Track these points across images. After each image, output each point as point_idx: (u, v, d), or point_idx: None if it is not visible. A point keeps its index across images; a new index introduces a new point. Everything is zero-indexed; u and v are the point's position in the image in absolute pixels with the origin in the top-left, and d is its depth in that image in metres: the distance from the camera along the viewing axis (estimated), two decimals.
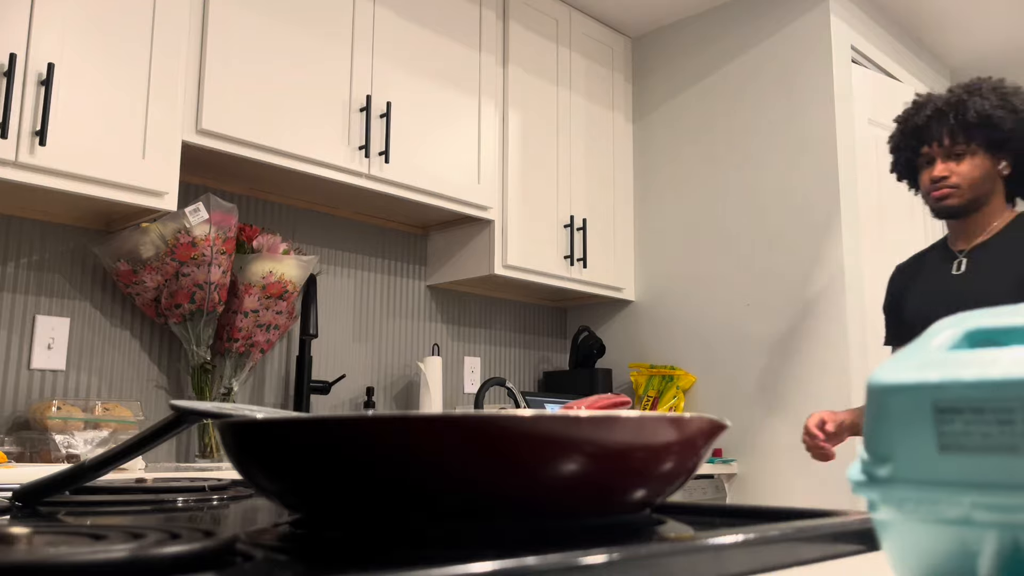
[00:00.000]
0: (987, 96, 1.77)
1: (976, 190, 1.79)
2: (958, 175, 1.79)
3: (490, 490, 0.43)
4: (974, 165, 1.79)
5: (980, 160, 1.79)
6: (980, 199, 1.80)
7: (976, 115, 1.77)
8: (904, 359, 0.31)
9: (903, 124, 1.87)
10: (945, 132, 1.79)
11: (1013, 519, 0.27)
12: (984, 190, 1.80)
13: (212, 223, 2.24)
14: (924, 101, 1.85)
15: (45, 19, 1.93)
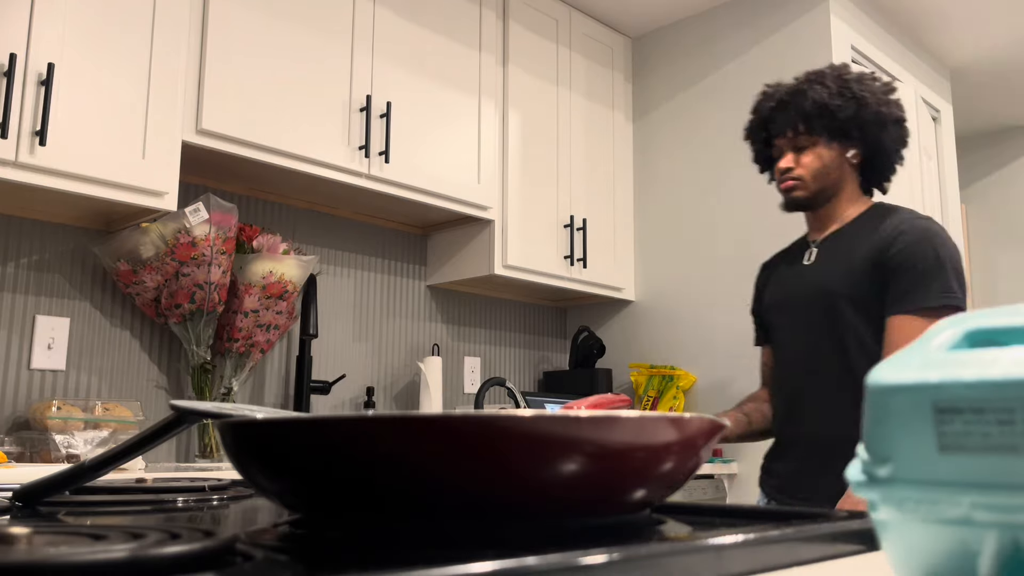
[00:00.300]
0: (828, 84, 1.73)
1: (821, 181, 1.75)
2: (802, 167, 1.75)
3: (490, 490, 0.43)
4: (817, 156, 1.74)
5: (824, 150, 1.74)
6: (828, 189, 1.76)
7: (814, 104, 1.71)
8: (904, 359, 0.31)
9: (754, 115, 1.83)
10: (787, 123, 1.74)
11: (1013, 519, 0.27)
12: (831, 180, 1.75)
13: (212, 223, 2.24)
14: (772, 91, 1.80)
15: (45, 19, 1.93)
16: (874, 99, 1.72)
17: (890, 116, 1.74)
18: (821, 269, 1.72)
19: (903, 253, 1.61)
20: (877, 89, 1.74)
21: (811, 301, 1.70)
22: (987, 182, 4.67)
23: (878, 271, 1.61)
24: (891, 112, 1.74)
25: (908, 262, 1.60)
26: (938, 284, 1.58)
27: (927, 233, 1.64)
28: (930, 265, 1.59)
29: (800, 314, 1.73)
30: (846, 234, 1.74)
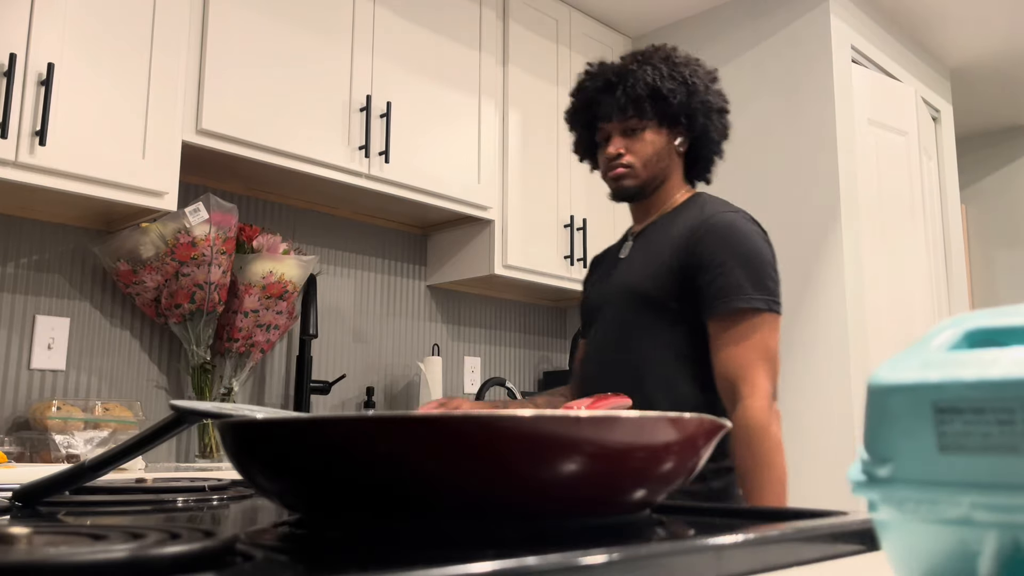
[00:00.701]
0: (658, 66, 1.62)
1: (652, 168, 1.64)
2: (632, 153, 1.63)
3: (490, 490, 0.43)
4: (648, 141, 1.63)
5: (655, 136, 1.63)
6: (657, 178, 1.65)
7: (647, 87, 1.60)
8: (905, 359, 0.31)
9: (577, 97, 1.71)
10: (617, 106, 1.62)
11: (1013, 519, 0.27)
12: (660, 168, 1.64)
13: (212, 223, 2.24)
14: (596, 71, 1.68)
15: (45, 19, 1.93)
16: (703, 86, 1.63)
17: (715, 105, 1.65)
18: (630, 266, 1.63)
19: (709, 251, 1.51)
20: (704, 76, 1.65)
21: (618, 299, 1.61)
22: (987, 182, 4.67)
23: (684, 270, 1.52)
24: (717, 101, 1.66)
25: (715, 261, 1.50)
26: (751, 284, 1.49)
27: (732, 228, 1.56)
28: (740, 263, 1.51)
29: (608, 312, 1.63)
30: (659, 228, 1.64)
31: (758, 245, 1.55)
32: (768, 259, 1.55)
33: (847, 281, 2.83)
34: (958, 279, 3.62)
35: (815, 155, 2.95)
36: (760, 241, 1.57)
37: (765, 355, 1.46)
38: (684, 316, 1.52)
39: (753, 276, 1.50)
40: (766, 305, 1.48)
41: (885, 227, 3.10)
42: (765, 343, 1.46)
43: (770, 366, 1.46)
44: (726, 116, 1.69)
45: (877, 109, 3.17)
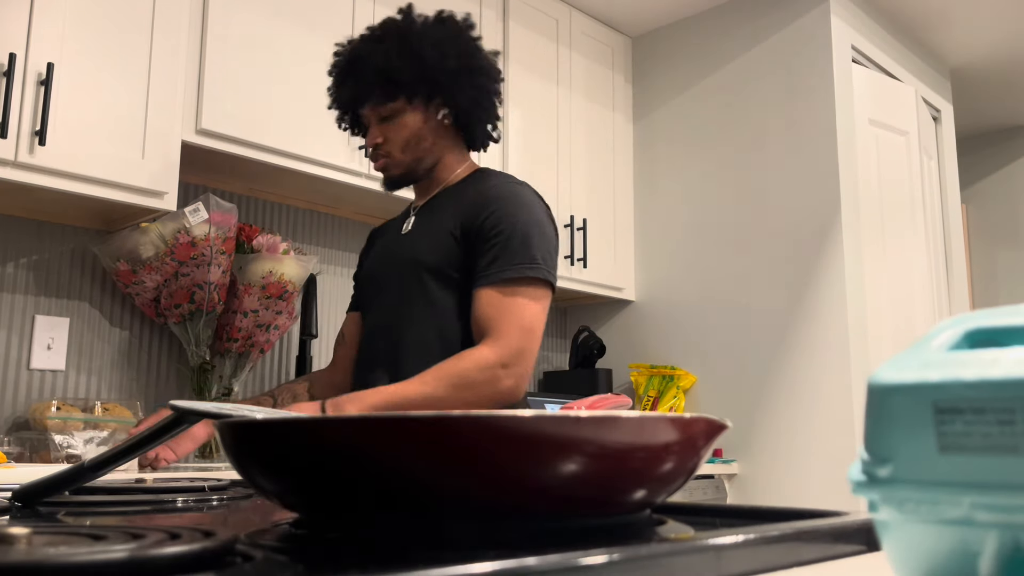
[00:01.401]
0: (387, 44, 1.54)
1: (413, 151, 1.57)
2: (389, 140, 1.57)
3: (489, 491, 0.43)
4: (403, 124, 1.56)
5: (409, 117, 1.56)
6: (425, 158, 1.59)
7: (375, 71, 1.53)
8: (905, 359, 0.31)
9: (332, 83, 1.64)
10: (354, 96, 1.57)
11: (1014, 519, 0.27)
12: (424, 149, 1.58)
13: (212, 223, 2.24)
14: (339, 53, 1.61)
15: (45, 19, 1.93)
16: (441, 53, 1.53)
17: (466, 65, 1.56)
18: (413, 239, 1.59)
19: (490, 222, 1.48)
20: (445, 38, 1.55)
21: (399, 272, 1.57)
22: (987, 182, 4.67)
23: (467, 240, 1.50)
24: (467, 61, 1.56)
25: (494, 231, 1.47)
26: (522, 255, 1.45)
27: (517, 200, 1.51)
28: (516, 234, 1.47)
29: (388, 285, 1.59)
30: (442, 201, 1.59)
31: (538, 217, 1.51)
32: (547, 232, 1.51)
33: (847, 281, 2.83)
34: (958, 279, 3.62)
35: (815, 155, 2.95)
36: (541, 214, 1.53)
37: (520, 322, 1.43)
38: (468, 286, 1.50)
39: (527, 247, 1.47)
40: (535, 274, 1.45)
41: (885, 227, 3.09)
42: (523, 310, 1.43)
43: (523, 334, 1.43)
44: (486, 72, 1.58)
45: (877, 109, 3.17)
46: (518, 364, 1.42)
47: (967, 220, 4.66)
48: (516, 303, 1.44)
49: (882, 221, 3.09)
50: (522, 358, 1.42)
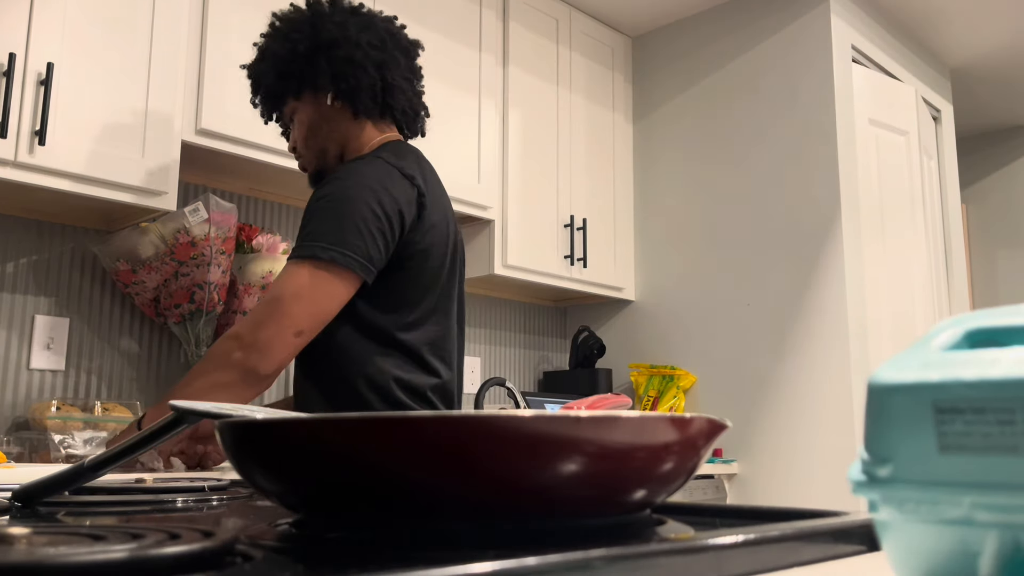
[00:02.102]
0: (259, 55, 1.57)
1: (313, 144, 1.55)
2: (296, 140, 1.57)
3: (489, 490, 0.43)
4: (300, 122, 1.55)
5: (302, 113, 1.54)
6: (327, 148, 1.55)
7: (252, 72, 1.56)
8: (905, 359, 0.31)
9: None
10: (262, 109, 1.59)
11: (1014, 519, 0.27)
12: (323, 138, 1.54)
13: (212, 223, 2.24)
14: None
15: (45, 19, 1.93)
16: (288, 43, 1.52)
17: (317, 45, 1.51)
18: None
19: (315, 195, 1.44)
20: (294, 28, 1.53)
21: None
22: (987, 182, 4.67)
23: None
24: (318, 40, 1.51)
25: (310, 204, 1.43)
26: (301, 235, 1.39)
27: (334, 176, 1.44)
28: (312, 209, 1.41)
29: None
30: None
31: (346, 192, 1.40)
32: (348, 205, 1.38)
33: (847, 281, 2.83)
34: (958, 279, 3.62)
35: (815, 155, 2.95)
36: (353, 188, 1.40)
37: (268, 296, 1.36)
38: None
39: (306, 227, 1.40)
40: (300, 252, 1.37)
41: (885, 227, 3.10)
42: (276, 285, 1.36)
43: (265, 306, 1.36)
44: (344, 46, 1.51)
45: (877, 109, 3.17)
46: (253, 336, 1.33)
47: (967, 220, 4.66)
48: (276, 281, 1.37)
49: (882, 221, 3.09)
50: (258, 329, 1.33)
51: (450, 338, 1.57)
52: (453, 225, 1.57)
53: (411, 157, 1.52)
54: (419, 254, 1.46)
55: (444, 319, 1.55)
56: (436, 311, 1.53)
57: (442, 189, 1.57)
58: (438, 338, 1.54)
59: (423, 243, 1.46)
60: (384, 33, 1.54)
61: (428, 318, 1.52)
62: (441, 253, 1.50)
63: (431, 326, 1.52)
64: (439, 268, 1.50)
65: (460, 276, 1.60)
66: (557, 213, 3.09)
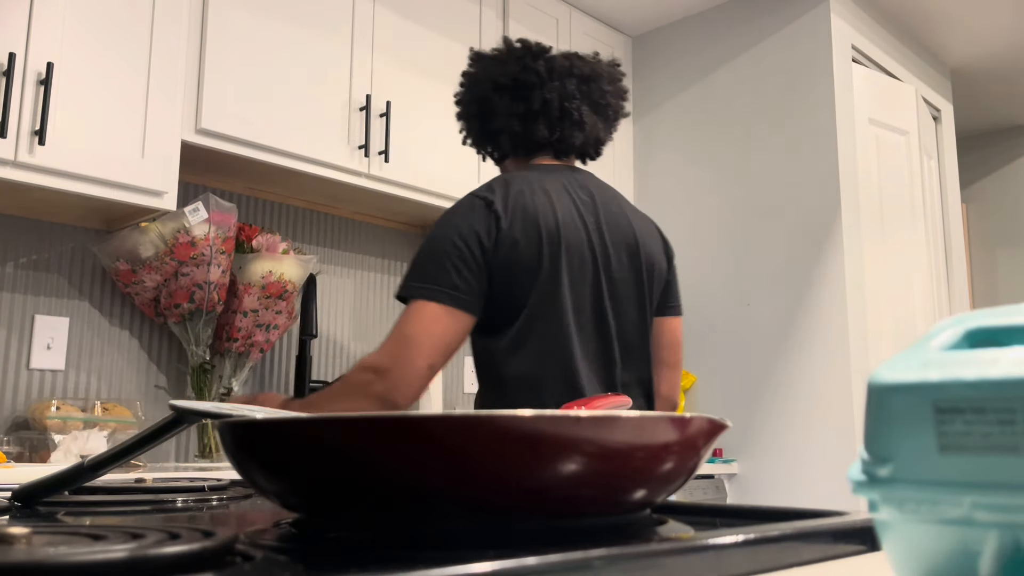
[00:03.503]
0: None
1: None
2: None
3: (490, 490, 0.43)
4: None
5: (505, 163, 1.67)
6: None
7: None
8: (905, 359, 0.31)
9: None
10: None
11: (1014, 519, 0.27)
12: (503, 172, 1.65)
13: (211, 223, 2.24)
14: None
15: (45, 19, 1.93)
16: (458, 103, 1.65)
17: (460, 101, 1.64)
18: None
19: None
20: (465, 85, 1.64)
21: None
22: (987, 182, 4.67)
23: None
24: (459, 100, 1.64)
25: None
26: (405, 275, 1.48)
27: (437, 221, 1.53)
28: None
29: None
30: None
31: (432, 233, 1.49)
32: (432, 248, 1.47)
33: (847, 281, 2.83)
34: (958, 279, 3.62)
35: (815, 155, 2.95)
36: (440, 228, 1.49)
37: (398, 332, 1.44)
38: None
39: (410, 267, 1.47)
40: (401, 293, 1.46)
41: (885, 227, 3.09)
42: (402, 322, 1.44)
43: (397, 342, 1.43)
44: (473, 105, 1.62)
45: (877, 109, 3.17)
46: (391, 371, 1.41)
47: (967, 220, 4.66)
48: (401, 317, 1.45)
49: (882, 221, 3.09)
50: (395, 364, 1.41)
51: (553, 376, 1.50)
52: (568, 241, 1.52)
53: (508, 181, 1.53)
54: (500, 275, 1.47)
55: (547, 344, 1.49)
56: (532, 337, 1.49)
57: (550, 207, 1.53)
58: (531, 374, 1.49)
59: (503, 263, 1.47)
60: (485, 80, 1.62)
61: (522, 345, 1.49)
62: (528, 270, 1.48)
63: (525, 358, 1.49)
64: (526, 288, 1.48)
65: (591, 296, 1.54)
66: None
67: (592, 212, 1.57)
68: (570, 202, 1.56)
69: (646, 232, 1.62)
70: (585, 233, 1.55)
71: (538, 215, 1.50)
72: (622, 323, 1.56)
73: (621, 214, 1.61)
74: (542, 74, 1.57)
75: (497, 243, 1.46)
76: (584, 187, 1.60)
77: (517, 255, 1.47)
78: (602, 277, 1.54)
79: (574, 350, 1.49)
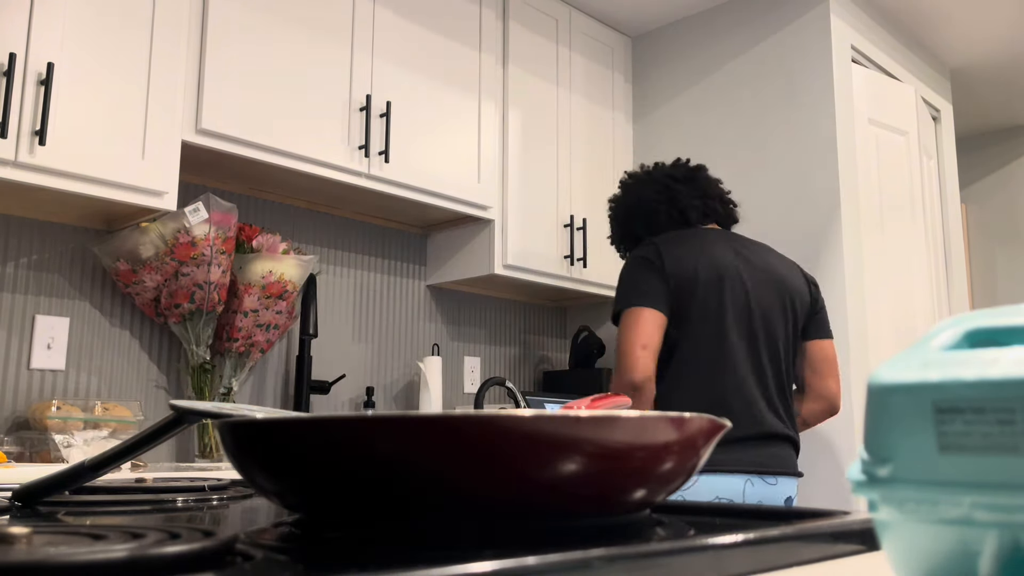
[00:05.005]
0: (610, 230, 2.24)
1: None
2: None
3: (490, 490, 0.43)
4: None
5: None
6: None
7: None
8: (905, 359, 0.31)
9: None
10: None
11: (1013, 519, 0.27)
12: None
13: (212, 223, 2.24)
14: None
15: (45, 19, 1.93)
16: (617, 219, 2.17)
17: (632, 210, 2.13)
18: None
19: None
20: (616, 203, 2.18)
21: None
22: (987, 182, 4.67)
23: None
24: (631, 204, 2.14)
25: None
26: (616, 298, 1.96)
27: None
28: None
29: None
30: None
31: (625, 268, 1.97)
32: (629, 274, 1.95)
33: (847, 281, 2.83)
34: (958, 279, 3.62)
35: (815, 155, 2.95)
36: (629, 264, 1.97)
37: (619, 350, 1.90)
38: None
39: (617, 293, 1.96)
40: (615, 308, 1.94)
41: (885, 227, 3.09)
42: (619, 340, 1.91)
43: (619, 358, 1.88)
44: (621, 210, 2.15)
45: (877, 109, 3.17)
46: (620, 377, 1.87)
47: (967, 220, 4.65)
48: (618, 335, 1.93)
49: (882, 221, 3.09)
50: (619, 375, 1.87)
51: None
52: (731, 286, 1.96)
53: (671, 238, 2.00)
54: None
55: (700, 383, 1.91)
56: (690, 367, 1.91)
57: (706, 256, 1.98)
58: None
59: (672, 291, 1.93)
60: (664, 179, 2.13)
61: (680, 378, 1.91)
62: (683, 306, 1.91)
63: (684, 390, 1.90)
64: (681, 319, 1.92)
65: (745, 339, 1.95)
66: (557, 213, 3.09)
67: (744, 259, 2.06)
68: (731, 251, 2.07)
69: (787, 270, 2.05)
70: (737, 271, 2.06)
71: (700, 263, 2.00)
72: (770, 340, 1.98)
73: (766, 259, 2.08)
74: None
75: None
76: (740, 242, 2.10)
77: (673, 288, 1.97)
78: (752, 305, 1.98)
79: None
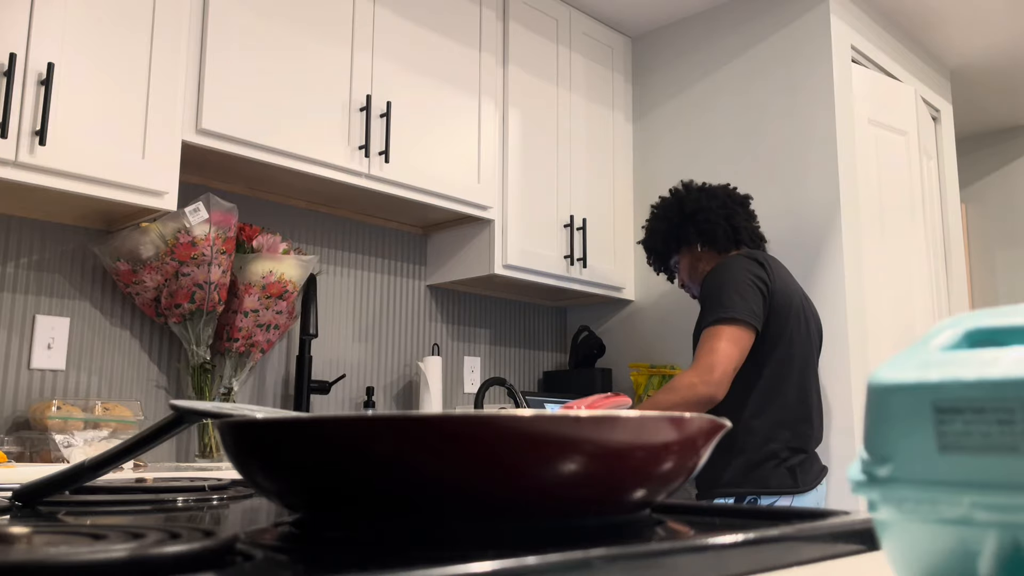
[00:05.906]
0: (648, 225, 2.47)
1: (697, 277, 2.35)
2: (682, 279, 2.44)
3: (490, 490, 0.43)
4: (682, 268, 2.40)
5: (683, 261, 2.39)
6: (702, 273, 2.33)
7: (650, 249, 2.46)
8: (904, 359, 0.31)
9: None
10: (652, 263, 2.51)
11: (1013, 519, 0.27)
12: (702, 272, 2.33)
13: (212, 223, 2.24)
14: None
15: (45, 19, 1.93)
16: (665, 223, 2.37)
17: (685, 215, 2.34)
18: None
19: (701, 293, 2.22)
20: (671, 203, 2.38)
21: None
22: (987, 182, 4.67)
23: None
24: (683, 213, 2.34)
25: (703, 295, 2.20)
26: (713, 308, 2.10)
27: (716, 271, 2.19)
28: (710, 294, 2.13)
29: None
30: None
31: (731, 276, 2.13)
32: (736, 284, 2.10)
33: (847, 281, 2.83)
34: (958, 279, 3.62)
35: (815, 155, 2.95)
36: (736, 272, 2.13)
37: (709, 348, 2.06)
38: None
39: (718, 300, 2.10)
40: (721, 314, 2.08)
41: (885, 227, 3.09)
42: (711, 342, 2.07)
43: (711, 356, 2.04)
44: (700, 213, 2.31)
45: (877, 109, 3.17)
46: (709, 376, 2.01)
47: (967, 220, 4.65)
48: (708, 339, 2.07)
49: (882, 221, 3.09)
50: (711, 372, 2.01)
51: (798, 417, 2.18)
52: (804, 312, 2.23)
53: (758, 255, 2.23)
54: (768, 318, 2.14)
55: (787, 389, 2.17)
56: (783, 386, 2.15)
57: (792, 283, 2.25)
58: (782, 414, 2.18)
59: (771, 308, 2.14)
60: (724, 197, 2.35)
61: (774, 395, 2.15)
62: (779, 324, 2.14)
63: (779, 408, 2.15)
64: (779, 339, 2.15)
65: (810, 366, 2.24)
66: (557, 213, 3.09)
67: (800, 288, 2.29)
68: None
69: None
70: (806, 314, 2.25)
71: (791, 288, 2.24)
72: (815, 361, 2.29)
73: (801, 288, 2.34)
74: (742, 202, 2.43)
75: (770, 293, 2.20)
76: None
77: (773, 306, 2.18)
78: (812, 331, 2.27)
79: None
